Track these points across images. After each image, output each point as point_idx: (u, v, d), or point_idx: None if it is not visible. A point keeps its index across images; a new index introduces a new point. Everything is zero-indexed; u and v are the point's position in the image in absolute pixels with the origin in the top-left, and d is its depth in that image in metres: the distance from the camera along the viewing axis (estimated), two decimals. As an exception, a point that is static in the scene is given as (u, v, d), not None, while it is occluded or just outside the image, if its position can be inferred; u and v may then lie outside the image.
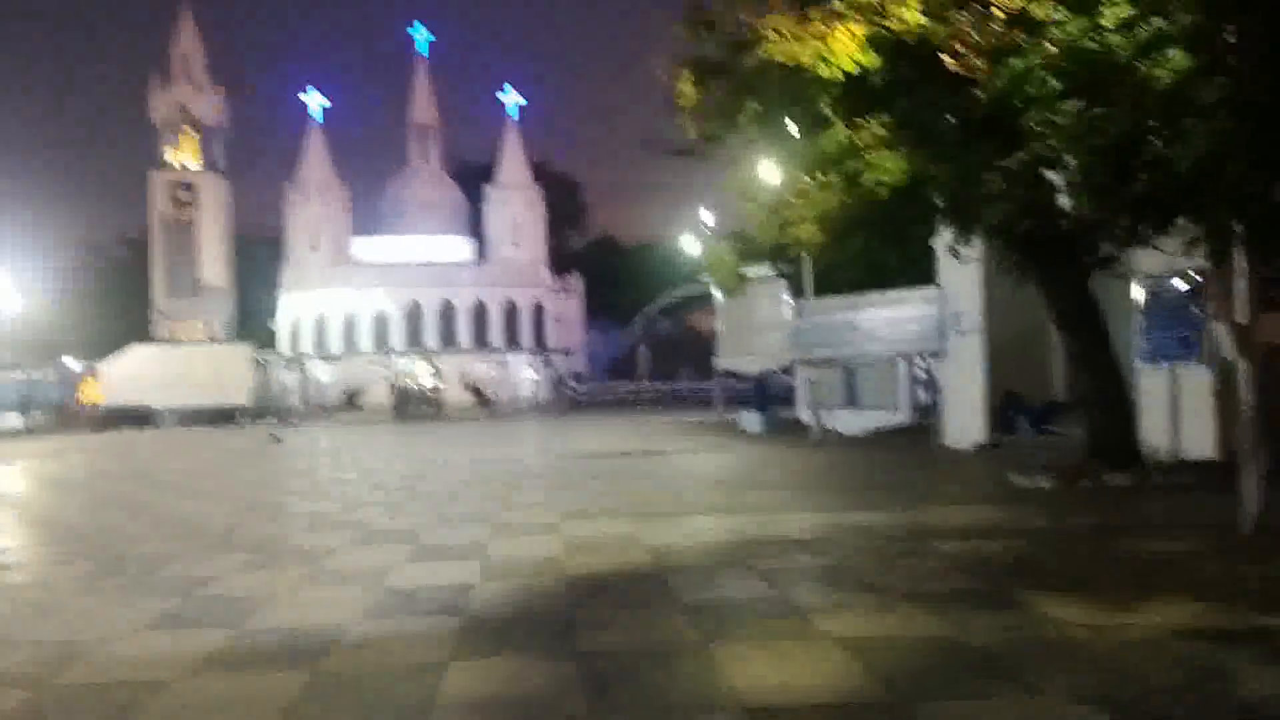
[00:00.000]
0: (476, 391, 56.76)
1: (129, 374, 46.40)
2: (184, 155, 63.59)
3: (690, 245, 36.37)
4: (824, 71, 10.44)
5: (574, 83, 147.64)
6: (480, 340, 60.53)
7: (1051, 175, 10.79)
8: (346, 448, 26.68)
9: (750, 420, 27.97)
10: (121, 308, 63.23)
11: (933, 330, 19.60)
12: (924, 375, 26.41)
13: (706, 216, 33.97)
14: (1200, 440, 13.46)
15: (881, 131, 11.65)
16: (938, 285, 19.85)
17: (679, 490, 13.97)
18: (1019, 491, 12.33)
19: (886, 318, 20.04)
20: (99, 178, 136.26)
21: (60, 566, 9.29)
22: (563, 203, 74.81)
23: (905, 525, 10.03)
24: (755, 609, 6.63)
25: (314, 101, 65.61)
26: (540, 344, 61.80)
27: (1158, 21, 8.37)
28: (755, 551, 8.60)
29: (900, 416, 25.40)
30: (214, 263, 63.31)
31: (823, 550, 8.65)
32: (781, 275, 26.36)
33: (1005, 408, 18.80)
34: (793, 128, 12.71)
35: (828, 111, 11.85)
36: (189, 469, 21.26)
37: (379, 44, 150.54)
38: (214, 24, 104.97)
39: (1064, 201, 11.31)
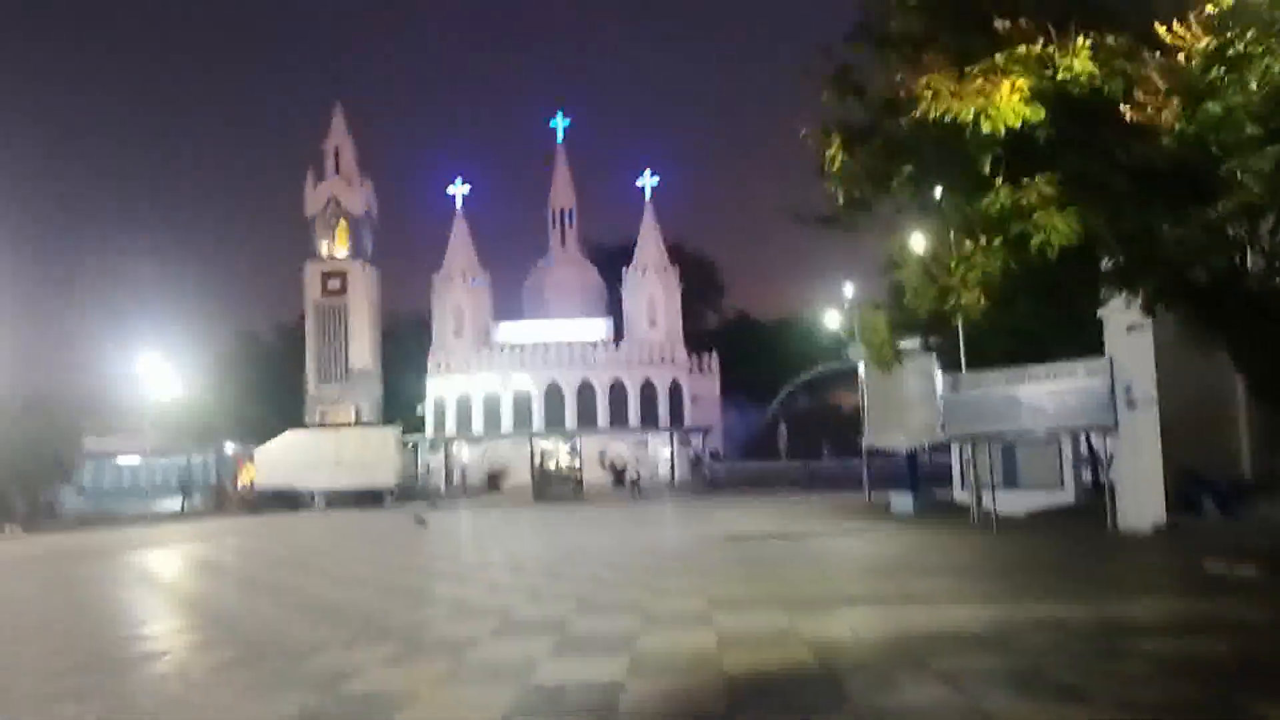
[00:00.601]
0: (616, 471, 56.49)
1: (281, 458, 47.78)
2: (335, 245, 66.25)
3: (832, 320, 35.68)
4: (986, 128, 9.79)
5: (710, 161, 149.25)
6: (618, 420, 60.47)
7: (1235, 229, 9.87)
8: (489, 530, 26.57)
9: (901, 501, 26.76)
10: (276, 393, 65.58)
11: (1101, 404, 18.30)
12: (1088, 452, 24.91)
13: (848, 290, 33.28)
14: None
15: (1049, 190, 10.88)
16: (1105, 356, 18.60)
17: (834, 577, 13.13)
18: (1218, 581, 11.11)
19: (1050, 391, 18.80)
20: (256, 269, 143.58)
21: (202, 654, 9.11)
22: (699, 282, 74.85)
23: (1094, 619, 9.05)
24: None
25: (459, 191, 67.70)
26: (677, 423, 61.28)
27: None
28: (929, 648, 7.79)
29: (1064, 496, 23.87)
30: (363, 348, 65.35)
31: (1005, 648, 7.79)
32: (930, 349, 25.36)
33: (1186, 487, 17.34)
34: (943, 191, 12.07)
35: (988, 171, 11.17)
36: (336, 553, 21.39)
37: (519, 132, 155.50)
38: (364, 119, 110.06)
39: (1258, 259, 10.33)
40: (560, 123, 70.96)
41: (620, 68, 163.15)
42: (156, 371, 51.36)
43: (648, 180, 67.01)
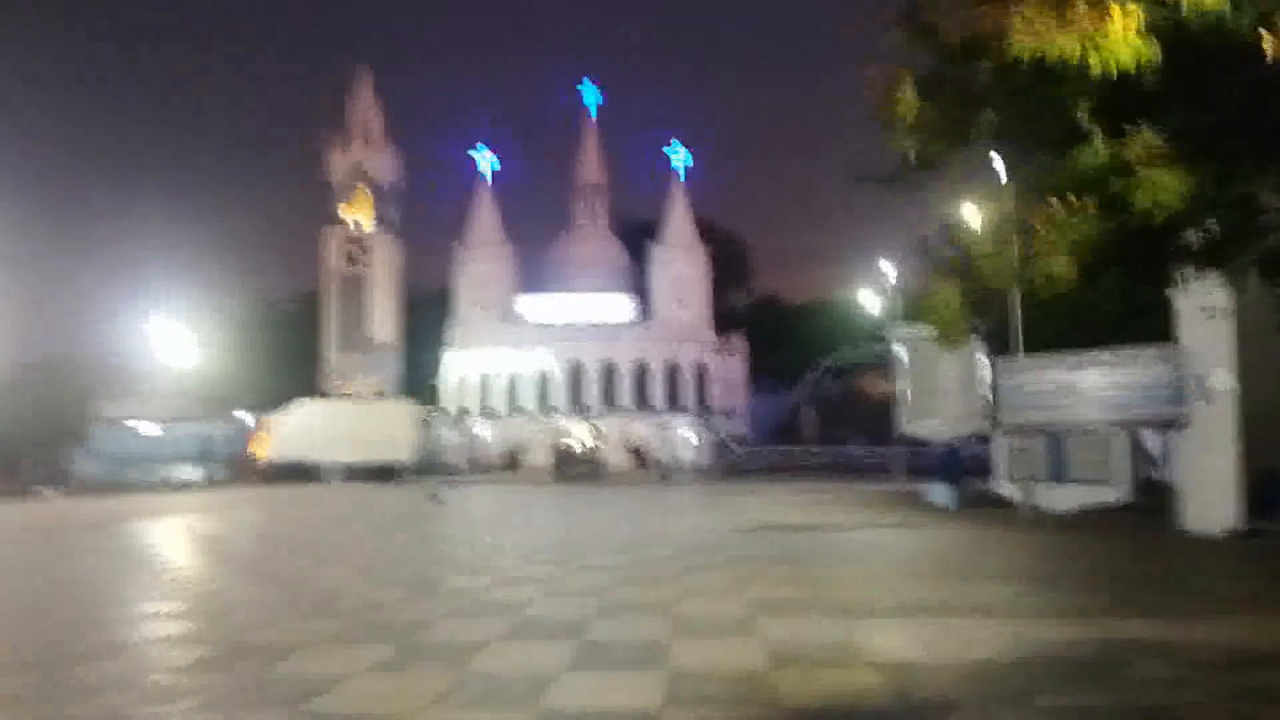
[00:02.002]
0: (637, 453, 55.29)
1: (296, 428, 46.86)
2: (358, 213, 65.02)
3: (869, 301, 34.24)
4: (1095, 66, 8.35)
5: (742, 142, 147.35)
6: (641, 401, 59.17)
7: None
8: (506, 512, 25.38)
9: (939, 493, 25.33)
10: (292, 363, 64.64)
11: (1169, 394, 16.85)
12: (1147, 447, 23.42)
13: (889, 269, 31.84)
14: None
15: (1156, 143, 9.45)
16: (1174, 341, 17.12)
17: (885, 578, 11.77)
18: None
19: (1113, 380, 17.37)
20: (276, 236, 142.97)
21: (168, 650, 7.89)
22: (727, 261, 73.32)
23: (1205, 643, 7.68)
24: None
25: (483, 160, 66.37)
26: (702, 405, 59.91)
27: None
28: (1026, 678, 6.47)
29: (1117, 493, 22.39)
30: (383, 320, 64.18)
31: (1117, 680, 6.45)
32: (974, 332, 23.90)
33: (1266, 489, 15.86)
34: (1029, 145, 10.64)
35: (1085, 121, 9.74)
36: (343, 532, 20.25)
37: (548, 103, 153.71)
38: (390, 86, 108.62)
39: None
40: (590, 94, 69.49)
41: (654, 38, 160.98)
42: (172, 337, 50.42)
43: (678, 155, 65.52)
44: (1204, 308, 16.03)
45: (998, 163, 11.24)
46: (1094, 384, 17.69)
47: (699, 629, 8.39)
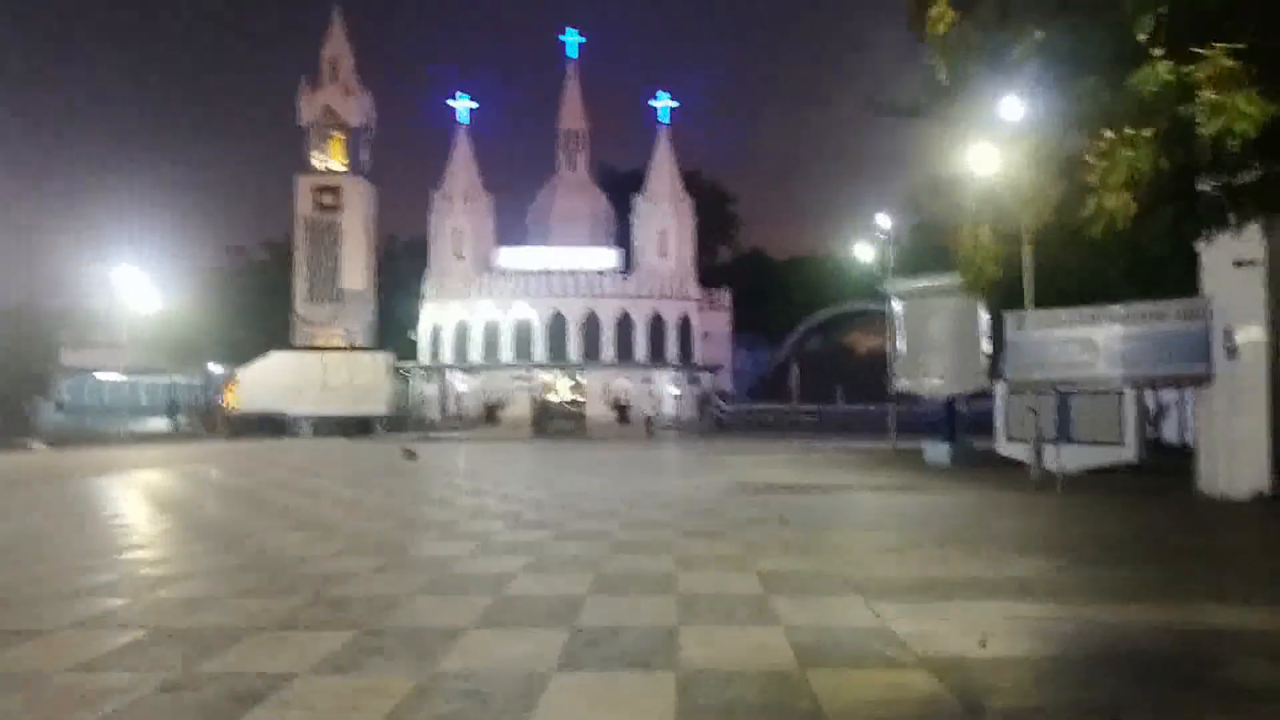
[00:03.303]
0: (620, 408, 54.18)
1: (267, 380, 45.42)
2: (330, 158, 63.03)
3: (864, 254, 33.01)
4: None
5: (728, 91, 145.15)
6: (624, 354, 57.86)
7: None
8: (484, 468, 24.20)
9: (936, 451, 24.38)
10: (265, 313, 63.01)
11: (1195, 351, 15.79)
12: (1153, 406, 22.48)
13: (883, 221, 30.61)
14: None
15: (1228, 63, 8.25)
16: (1201, 295, 16.04)
17: (900, 548, 10.64)
18: None
19: (1133, 335, 16.28)
20: (247, 182, 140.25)
21: (91, 635, 6.67)
22: (713, 214, 71.82)
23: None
24: None
25: (461, 106, 64.36)
26: (686, 360, 58.67)
27: None
28: (1115, 679, 5.35)
29: (1125, 453, 21.40)
30: (356, 268, 62.45)
31: (1227, 686, 5.34)
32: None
33: (1296, 449, 14.89)
34: (1080, 67, 9.40)
35: (1146, 41, 8.53)
36: (310, 488, 19.01)
37: (529, 47, 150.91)
38: (364, 27, 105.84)
39: None
40: (573, 39, 67.47)
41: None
42: (138, 285, 48.73)
43: (663, 102, 63.74)
44: (1237, 259, 14.95)
45: (1039, 88, 10.00)
46: (1111, 340, 16.60)
47: (709, 612, 7.25)
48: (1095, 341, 16.78)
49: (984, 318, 23.25)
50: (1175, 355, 15.99)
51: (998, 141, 10.82)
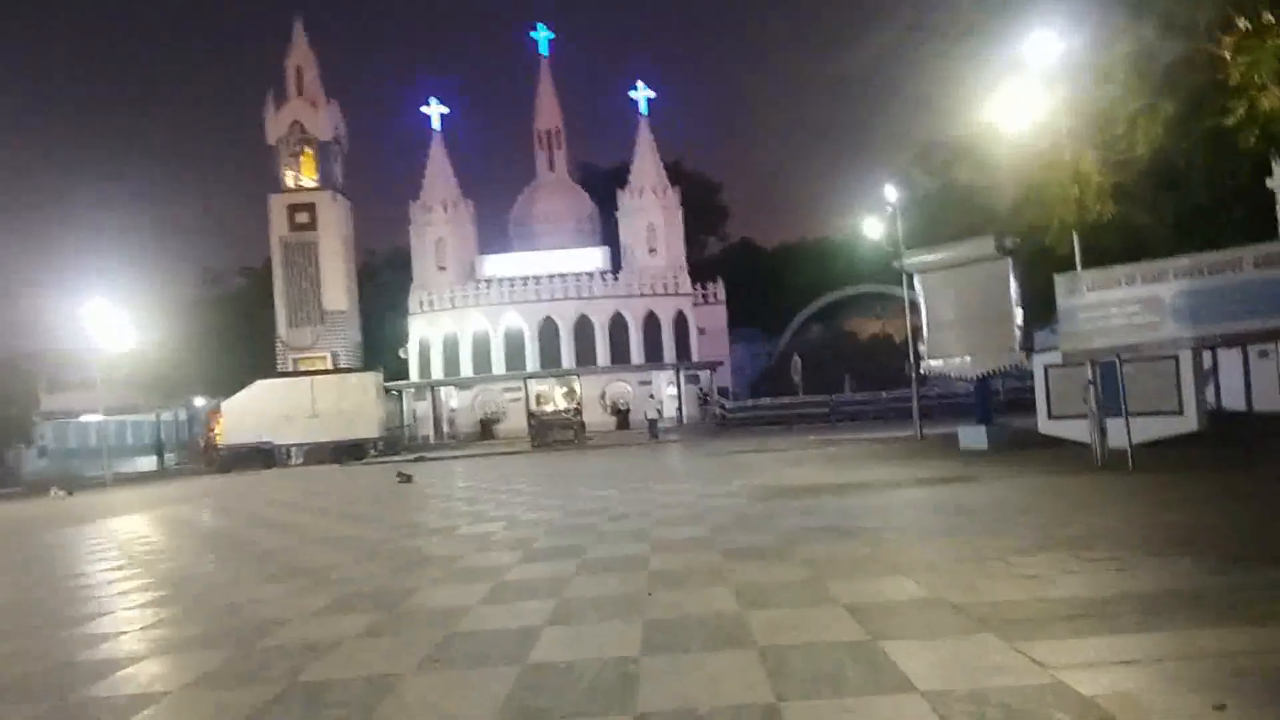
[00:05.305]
0: (619, 412, 52.31)
1: (253, 410, 43.47)
2: (302, 175, 61.01)
3: (873, 229, 31.25)
4: None
5: (704, 78, 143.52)
6: (619, 357, 55.88)
7: None
8: (484, 487, 22.34)
9: (973, 436, 22.59)
10: (247, 341, 61.09)
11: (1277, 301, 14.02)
12: (1209, 367, 20.76)
13: (890, 194, 28.84)
14: None
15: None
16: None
17: (996, 556, 8.80)
18: None
19: (1208, 288, 14.47)
20: (220, 207, 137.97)
21: None
22: (700, 205, 69.98)
23: None
24: None
25: (435, 113, 62.43)
26: (684, 358, 56.67)
27: None
28: None
29: (1184, 424, 19.65)
30: (337, 287, 60.39)
31: None
32: (1004, 250, 21.04)
33: None
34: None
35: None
36: (297, 524, 17.17)
37: (500, 50, 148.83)
38: (330, 40, 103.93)
39: None
40: (543, 36, 65.59)
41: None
42: (115, 323, 46.74)
43: (642, 93, 61.85)
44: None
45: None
46: (1179, 296, 14.80)
47: (807, 674, 5.43)
48: (1161, 299, 14.98)
49: (1014, 286, 21.47)
50: (1256, 308, 14.19)
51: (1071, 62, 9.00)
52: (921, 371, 25.66)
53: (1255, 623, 5.82)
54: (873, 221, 31.12)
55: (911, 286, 24.68)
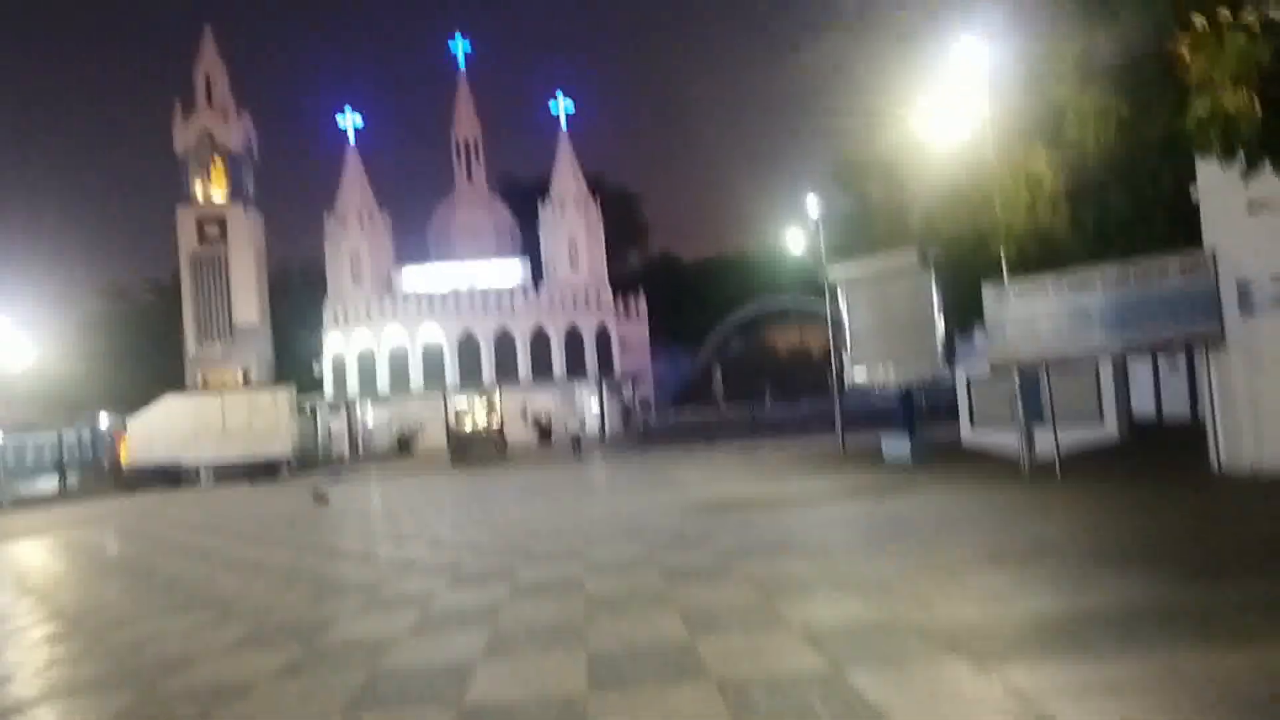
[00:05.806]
0: (541, 427, 51.58)
1: (159, 428, 41.74)
2: (211, 187, 59.11)
3: (795, 242, 31.16)
4: None
5: (623, 92, 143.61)
6: (540, 371, 55.07)
7: None
8: (405, 506, 21.59)
9: (895, 447, 22.43)
10: (154, 357, 58.96)
11: (1201, 309, 14.10)
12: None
13: (812, 206, 28.74)
14: None
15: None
16: (1204, 247, 14.37)
17: (949, 572, 8.51)
18: None
19: (1135, 297, 14.50)
20: (125, 218, 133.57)
21: None
22: (621, 218, 69.66)
23: None
24: None
25: (349, 123, 61.08)
26: (606, 371, 56.08)
27: None
28: None
29: (1107, 431, 19.82)
30: (248, 301, 58.58)
31: None
32: (926, 262, 21.01)
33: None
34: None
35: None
36: (206, 548, 16.26)
37: (417, 60, 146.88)
38: (243, 47, 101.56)
39: None
40: (460, 47, 64.74)
41: None
42: (13, 339, 44.59)
43: (561, 105, 61.31)
44: (1251, 203, 13.30)
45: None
46: (1107, 304, 14.81)
47: (771, 707, 5.01)
48: (1088, 308, 14.98)
49: (936, 297, 21.45)
50: (1181, 315, 14.25)
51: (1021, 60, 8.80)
52: (844, 382, 25.54)
53: (1233, 645, 5.56)
54: (795, 234, 31.05)
55: (834, 299, 24.55)
